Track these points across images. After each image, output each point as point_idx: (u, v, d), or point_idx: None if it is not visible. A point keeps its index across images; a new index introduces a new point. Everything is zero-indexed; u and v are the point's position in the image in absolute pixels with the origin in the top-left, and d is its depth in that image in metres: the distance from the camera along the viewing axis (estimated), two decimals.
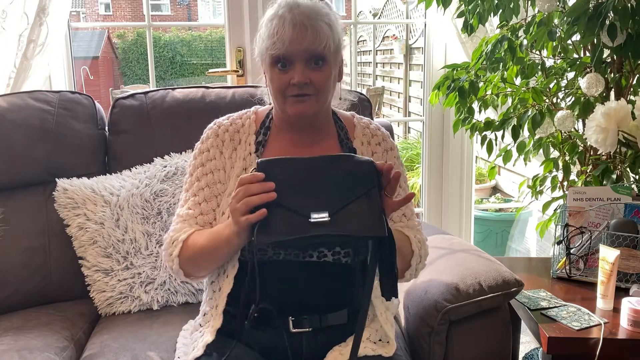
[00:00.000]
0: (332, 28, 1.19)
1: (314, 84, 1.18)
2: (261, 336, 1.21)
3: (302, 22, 1.15)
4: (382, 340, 1.26)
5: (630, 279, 1.56)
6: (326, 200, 1.04)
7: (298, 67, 1.17)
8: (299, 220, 1.02)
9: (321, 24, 1.17)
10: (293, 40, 1.15)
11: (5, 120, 1.70)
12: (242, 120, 1.32)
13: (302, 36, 1.15)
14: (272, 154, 1.28)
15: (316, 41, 1.15)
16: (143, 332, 1.51)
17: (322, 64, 1.18)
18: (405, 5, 6.66)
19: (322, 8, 1.20)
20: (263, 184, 1.04)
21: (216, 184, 1.26)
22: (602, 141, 1.55)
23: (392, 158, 1.33)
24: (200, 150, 1.30)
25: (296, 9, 1.17)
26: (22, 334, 1.50)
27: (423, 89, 2.71)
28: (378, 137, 1.34)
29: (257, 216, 1.02)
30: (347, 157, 1.08)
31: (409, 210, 1.32)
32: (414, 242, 1.26)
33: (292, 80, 1.17)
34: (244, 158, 1.27)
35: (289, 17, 1.15)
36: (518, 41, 1.75)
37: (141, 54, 14.70)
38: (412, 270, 1.27)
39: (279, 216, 1.03)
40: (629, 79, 1.72)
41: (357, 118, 1.37)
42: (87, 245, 1.64)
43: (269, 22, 1.18)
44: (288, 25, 1.15)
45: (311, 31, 1.15)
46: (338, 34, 1.21)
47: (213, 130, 1.31)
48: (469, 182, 2.60)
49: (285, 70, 1.18)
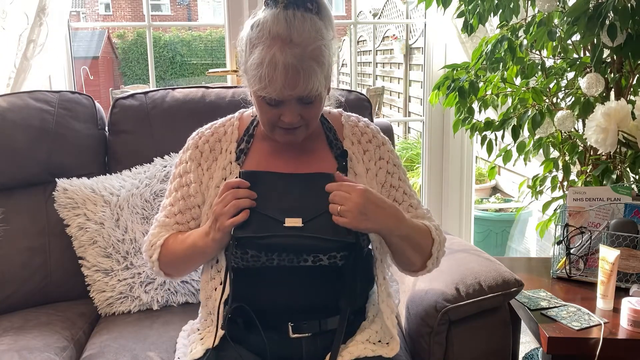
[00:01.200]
0: (323, 65, 1.11)
1: (305, 118, 1.16)
2: (260, 341, 1.21)
3: (294, 66, 1.06)
4: (381, 341, 1.25)
5: (630, 279, 1.56)
6: (300, 210, 1.11)
7: (288, 107, 1.13)
8: (274, 223, 1.10)
9: (314, 65, 1.08)
10: (285, 86, 1.08)
11: (5, 120, 1.70)
12: (225, 128, 1.29)
13: (294, 82, 1.08)
14: (254, 161, 1.26)
15: (308, 87, 1.09)
16: (143, 332, 1.51)
17: (314, 100, 1.14)
18: (405, 5, 6.67)
19: (315, 32, 1.10)
20: (248, 190, 1.11)
21: (190, 197, 1.26)
22: (602, 141, 1.55)
23: (386, 152, 1.30)
24: (180, 161, 1.30)
25: (288, 44, 1.07)
26: (22, 334, 1.50)
27: (423, 89, 2.71)
28: (368, 134, 1.31)
29: (242, 216, 1.09)
30: (316, 176, 1.15)
31: (415, 200, 1.30)
32: (433, 230, 1.23)
33: (283, 118, 1.14)
34: (224, 167, 1.25)
35: (282, 60, 1.06)
36: (518, 41, 1.75)
37: (141, 54, 14.70)
38: (433, 260, 1.23)
39: (256, 219, 1.11)
40: (629, 79, 1.72)
41: (345, 116, 1.33)
42: (87, 245, 1.64)
43: (260, 60, 1.08)
44: (280, 71, 1.06)
45: (304, 77, 1.07)
46: (330, 64, 1.14)
47: (194, 141, 1.30)
48: (469, 182, 2.60)
49: (274, 106, 1.14)
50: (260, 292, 1.20)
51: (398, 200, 1.29)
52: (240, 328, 1.22)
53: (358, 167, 1.27)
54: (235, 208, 1.09)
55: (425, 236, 1.22)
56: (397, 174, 1.30)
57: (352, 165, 1.26)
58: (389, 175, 1.29)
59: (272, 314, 1.19)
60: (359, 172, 1.26)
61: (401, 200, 1.29)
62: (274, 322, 1.20)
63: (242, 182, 1.12)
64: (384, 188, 1.29)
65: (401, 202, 1.29)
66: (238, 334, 1.21)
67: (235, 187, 1.11)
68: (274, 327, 1.20)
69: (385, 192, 1.29)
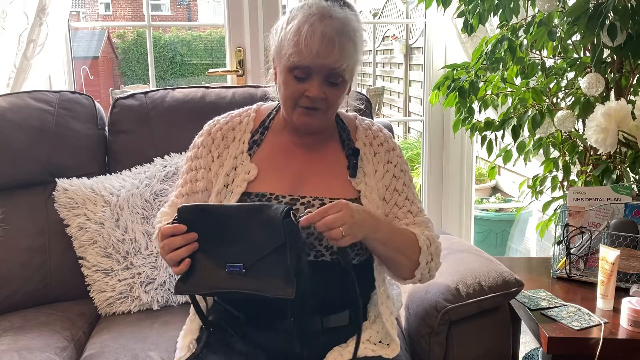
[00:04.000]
0: (356, 48, 1.18)
1: (328, 100, 1.18)
2: (261, 338, 1.21)
3: (331, 36, 1.12)
4: (382, 342, 1.26)
5: (630, 279, 1.56)
6: (243, 251, 1.06)
7: (315, 81, 1.16)
8: (216, 271, 1.06)
9: (349, 42, 1.15)
10: (319, 53, 1.12)
11: (5, 120, 1.70)
12: (241, 118, 1.32)
13: (329, 51, 1.13)
14: (267, 153, 1.28)
15: (340, 60, 1.14)
16: (143, 332, 1.51)
17: (339, 82, 1.18)
18: (405, 5, 6.66)
19: (352, 21, 1.17)
20: (185, 236, 1.07)
21: (197, 182, 1.30)
22: (602, 141, 1.55)
23: (395, 157, 1.32)
24: (194, 144, 1.34)
25: (328, 18, 1.14)
26: (22, 334, 1.50)
27: (423, 89, 2.71)
28: (380, 138, 1.34)
29: (183, 268, 1.07)
30: (265, 208, 1.07)
31: (415, 207, 1.31)
32: (421, 238, 1.22)
33: (307, 93, 1.16)
34: (235, 157, 1.27)
35: (320, 29, 1.12)
36: (518, 41, 1.74)
37: (141, 54, 14.68)
38: (422, 269, 1.22)
39: (199, 264, 1.07)
40: (629, 79, 1.72)
41: (360, 119, 1.37)
42: (87, 245, 1.64)
43: (297, 27, 1.14)
44: (317, 36, 1.12)
45: (338, 48, 1.13)
46: (360, 54, 1.20)
47: (209, 127, 1.34)
48: (469, 182, 2.60)
49: (301, 80, 1.17)
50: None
51: (399, 205, 1.30)
52: (242, 324, 1.22)
53: (367, 167, 1.28)
54: (172, 261, 1.07)
55: (411, 243, 1.21)
56: (402, 179, 1.32)
57: (362, 164, 1.28)
58: (394, 179, 1.31)
59: (273, 310, 1.19)
60: (367, 172, 1.28)
61: (402, 204, 1.30)
62: (275, 319, 1.20)
63: (177, 228, 1.07)
64: (387, 191, 1.30)
65: (401, 207, 1.29)
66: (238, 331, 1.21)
67: (171, 235, 1.07)
68: (275, 324, 1.20)
69: (388, 194, 1.30)
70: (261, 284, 1.04)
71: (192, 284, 1.07)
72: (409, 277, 1.24)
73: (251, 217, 1.06)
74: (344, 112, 1.38)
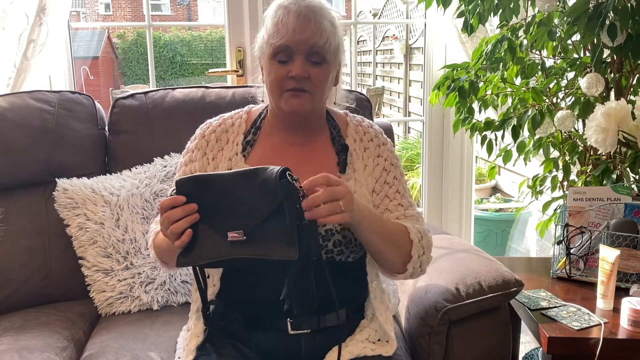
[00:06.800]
0: (334, 27, 1.21)
1: (312, 80, 1.19)
2: (259, 338, 1.21)
3: (306, 14, 1.17)
4: (381, 340, 1.26)
5: (630, 279, 1.56)
6: (242, 218, 1.03)
7: (298, 60, 1.18)
8: (218, 240, 1.03)
9: (325, 21, 1.19)
10: (296, 30, 1.16)
11: (5, 120, 1.70)
12: (233, 120, 1.33)
13: (305, 26, 1.16)
14: (260, 153, 1.29)
15: (317, 34, 1.17)
16: (143, 332, 1.51)
17: (321, 61, 1.19)
18: (405, 5, 6.66)
19: (326, 8, 1.22)
20: (185, 207, 1.04)
21: None
22: (602, 141, 1.55)
23: (386, 151, 1.32)
24: (187, 149, 1.34)
25: (302, 1, 1.19)
26: (22, 334, 1.50)
27: (423, 89, 2.71)
28: (370, 134, 1.34)
29: (185, 239, 1.03)
30: (260, 171, 1.03)
31: (406, 201, 1.30)
32: (413, 231, 1.21)
33: (291, 73, 1.18)
34: (230, 158, 1.28)
35: (294, 8, 1.17)
36: (518, 41, 1.75)
37: (141, 54, 14.68)
38: (414, 263, 1.21)
39: (200, 235, 1.04)
40: (629, 79, 1.72)
41: (350, 116, 1.37)
42: (87, 245, 1.65)
43: (274, 12, 1.20)
44: (292, 15, 1.17)
45: (314, 24, 1.17)
46: (339, 36, 1.23)
47: (201, 131, 1.33)
48: (469, 182, 2.60)
49: (284, 63, 1.19)
50: (257, 289, 1.20)
51: (389, 197, 1.30)
52: (240, 325, 1.22)
53: (357, 163, 1.29)
54: (173, 233, 1.04)
55: (402, 236, 1.20)
56: (392, 172, 1.32)
57: (352, 160, 1.29)
58: (384, 172, 1.31)
59: (271, 310, 1.19)
60: (357, 167, 1.29)
61: (392, 197, 1.30)
62: (273, 318, 1.20)
63: (176, 199, 1.04)
64: (377, 183, 1.30)
65: (392, 199, 1.30)
66: (237, 332, 1.21)
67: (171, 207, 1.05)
68: (273, 324, 1.20)
69: (378, 186, 1.30)
70: (263, 249, 1.01)
71: (194, 256, 1.04)
72: (400, 272, 1.22)
73: (247, 182, 1.03)
74: (335, 109, 1.38)
